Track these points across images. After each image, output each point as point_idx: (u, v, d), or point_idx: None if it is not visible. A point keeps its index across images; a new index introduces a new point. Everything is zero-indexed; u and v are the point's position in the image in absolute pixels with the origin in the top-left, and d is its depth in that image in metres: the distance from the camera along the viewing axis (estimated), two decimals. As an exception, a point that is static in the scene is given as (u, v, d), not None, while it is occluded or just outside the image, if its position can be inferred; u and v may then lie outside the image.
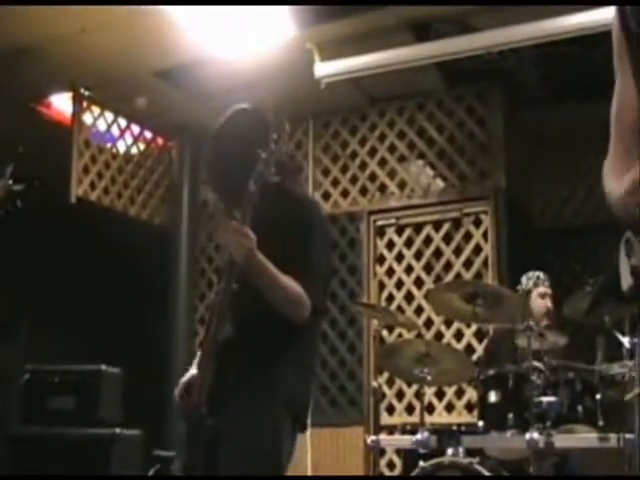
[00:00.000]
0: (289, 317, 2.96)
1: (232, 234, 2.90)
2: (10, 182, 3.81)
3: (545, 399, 4.69)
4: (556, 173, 8.05)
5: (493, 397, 4.94)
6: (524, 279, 5.88)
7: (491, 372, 5.07)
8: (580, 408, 4.76)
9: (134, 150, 8.15)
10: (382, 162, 7.68)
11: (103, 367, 5.89)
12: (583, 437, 4.66)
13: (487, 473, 4.63)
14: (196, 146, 8.07)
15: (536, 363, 4.82)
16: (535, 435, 4.51)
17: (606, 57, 2.20)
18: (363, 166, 7.74)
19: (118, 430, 5.65)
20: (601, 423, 4.61)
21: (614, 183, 2.03)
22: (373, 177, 7.70)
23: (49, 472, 5.41)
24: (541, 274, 5.86)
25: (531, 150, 7.95)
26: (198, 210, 8.12)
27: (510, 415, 4.79)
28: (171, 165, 8.35)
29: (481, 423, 4.95)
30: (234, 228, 2.90)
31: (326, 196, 7.76)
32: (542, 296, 5.79)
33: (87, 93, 7.49)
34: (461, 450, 4.88)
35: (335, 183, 7.81)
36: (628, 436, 4.45)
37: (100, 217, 7.61)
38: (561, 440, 4.60)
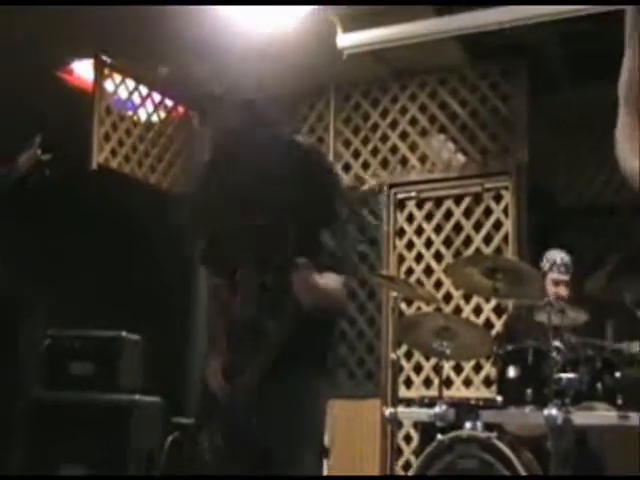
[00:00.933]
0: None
1: (303, 288, 2.85)
2: (39, 151, 3.83)
3: (564, 376, 4.69)
4: (579, 151, 7.99)
5: (512, 372, 4.95)
6: (544, 259, 5.78)
7: (510, 347, 5.08)
8: (600, 386, 4.77)
9: (155, 118, 8.14)
10: (403, 135, 7.65)
11: (123, 333, 5.92)
12: (602, 415, 4.68)
13: (505, 448, 4.66)
14: (217, 115, 8.04)
15: (555, 340, 4.82)
16: (554, 411, 4.51)
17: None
18: (384, 138, 7.71)
19: (138, 397, 5.69)
20: (620, 401, 4.62)
21: (629, 151, 2.05)
22: (394, 150, 7.67)
23: (69, 437, 5.46)
24: (558, 258, 5.71)
25: (555, 128, 7.89)
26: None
27: (529, 391, 4.80)
28: (192, 134, 8.34)
29: (500, 398, 4.96)
30: (306, 283, 2.85)
31: (347, 168, 7.75)
32: (555, 283, 5.67)
33: (109, 61, 7.50)
34: (479, 424, 4.90)
35: (356, 155, 7.79)
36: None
37: (120, 185, 7.62)
38: (580, 417, 4.61)
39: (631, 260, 4.75)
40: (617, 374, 4.73)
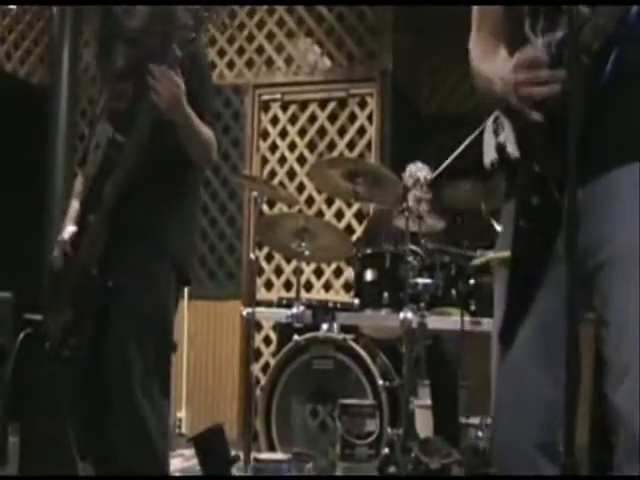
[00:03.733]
0: (201, 160, 3.04)
1: (161, 80, 2.82)
2: None
3: (420, 280, 4.78)
4: (443, 59, 8.01)
5: (369, 276, 5.00)
6: (407, 172, 5.58)
7: (368, 251, 5.12)
8: (454, 292, 4.87)
9: (11, 4, 7.77)
10: (270, 36, 7.54)
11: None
12: (455, 320, 4.77)
13: (360, 349, 4.72)
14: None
15: (413, 245, 4.89)
16: (409, 315, 4.60)
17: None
18: (250, 38, 7.58)
19: (-15, 292, 5.51)
20: (473, 307, 4.73)
21: (488, 64, 2.09)
22: (260, 50, 7.56)
23: None
24: (422, 176, 5.53)
25: (420, 36, 7.88)
26: (79, 71, 7.78)
27: (385, 294, 4.86)
28: (51, 22, 7.96)
29: (357, 301, 5.02)
30: (163, 73, 2.81)
31: (211, 66, 7.60)
32: (418, 201, 5.59)
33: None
34: (335, 326, 4.96)
35: (221, 54, 7.64)
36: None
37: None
38: (434, 321, 4.72)
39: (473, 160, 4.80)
40: (471, 281, 4.84)
